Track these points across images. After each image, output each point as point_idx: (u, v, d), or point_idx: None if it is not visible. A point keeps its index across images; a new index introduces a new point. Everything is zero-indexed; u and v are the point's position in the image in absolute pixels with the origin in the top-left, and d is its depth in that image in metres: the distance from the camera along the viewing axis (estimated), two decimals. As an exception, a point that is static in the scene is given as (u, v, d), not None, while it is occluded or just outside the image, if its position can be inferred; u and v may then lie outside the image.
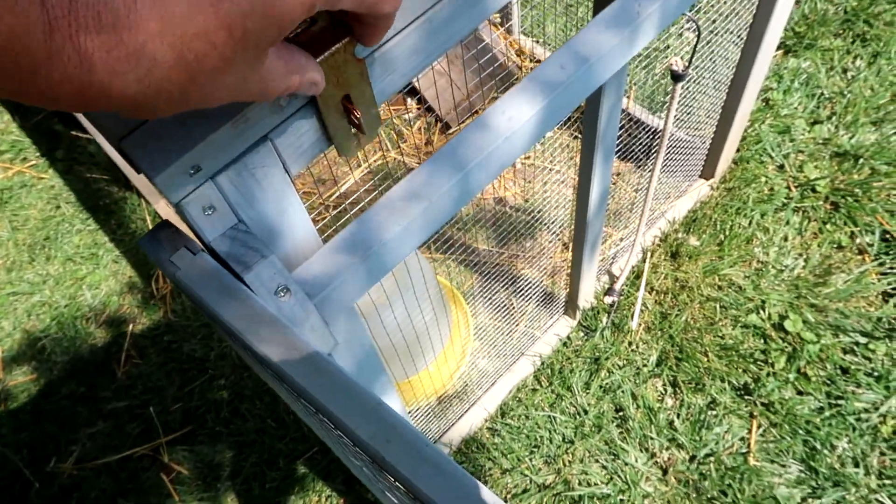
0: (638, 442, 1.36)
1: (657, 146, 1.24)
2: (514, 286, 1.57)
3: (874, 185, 1.55)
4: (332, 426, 0.45)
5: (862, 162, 1.59)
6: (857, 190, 1.56)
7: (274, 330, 0.45)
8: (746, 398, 1.37)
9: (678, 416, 1.37)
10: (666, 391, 1.41)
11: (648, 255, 1.56)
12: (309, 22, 0.41)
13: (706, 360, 1.42)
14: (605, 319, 1.49)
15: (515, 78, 1.92)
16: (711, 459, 1.32)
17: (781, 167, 1.64)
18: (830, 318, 1.42)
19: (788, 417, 1.33)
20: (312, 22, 0.41)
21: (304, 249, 0.56)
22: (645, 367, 1.43)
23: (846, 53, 1.80)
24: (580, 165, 1.06)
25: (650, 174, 1.29)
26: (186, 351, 1.65)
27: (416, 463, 0.38)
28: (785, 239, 1.54)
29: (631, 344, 1.46)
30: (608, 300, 1.50)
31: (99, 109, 0.28)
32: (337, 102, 0.46)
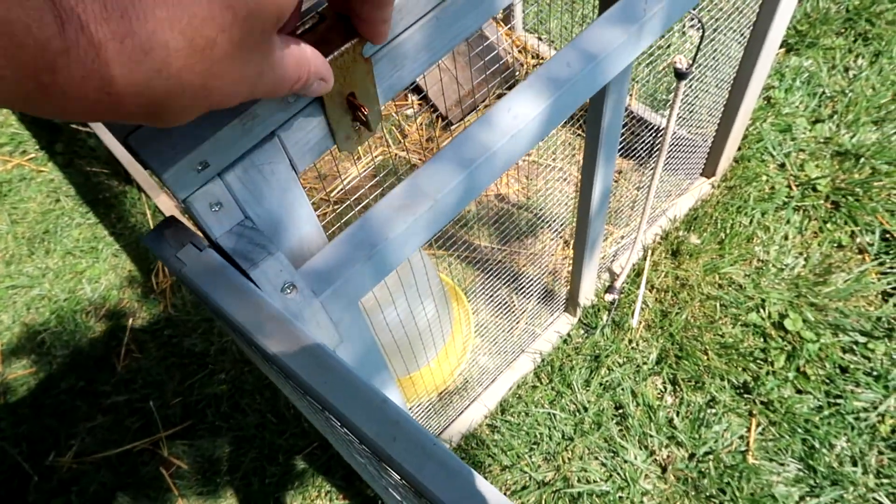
0: (637, 439, 1.36)
1: (659, 144, 1.23)
2: (515, 283, 1.58)
3: (875, 184, 1.55)
4: (337, 423, 0.45)
5: (863, 161, 1.59)
6: (857, 189, 1.56)
7: (280, 327, 0.45)
8: (746, 397, 1.37)
9: (678, 413, 1.37)
10: (666, 389, 1.41)
11: (649, 252, 1.56)
12: (318, 17, 0.41)
13: (706, 358, 1.42)
14: (605, 317, 1.49)
15: (517, 75, 1.91)
16: (710, 457, 1.32)
17: (782, 166, 1.64)
18: (830, 317, 1.42)
19: (787, 416, 1.33)
20: (320, 20, 0.41)
21: (309, 246, 0.56)
22: (645, 364, 1.43)
23: (848, 52, 1.80)
24: (583, 163, 1.06)
25: (652, 172, 1.29)
26: (186, 345, 1.65)
27: (421, 460, 0.38)
28: (785, 238, 1.54)
29: (631, 342, 1.47)
30: (609, 298, 1.50)
31: (123, 117, 0.27)
32: (342, 100, 0.46)
